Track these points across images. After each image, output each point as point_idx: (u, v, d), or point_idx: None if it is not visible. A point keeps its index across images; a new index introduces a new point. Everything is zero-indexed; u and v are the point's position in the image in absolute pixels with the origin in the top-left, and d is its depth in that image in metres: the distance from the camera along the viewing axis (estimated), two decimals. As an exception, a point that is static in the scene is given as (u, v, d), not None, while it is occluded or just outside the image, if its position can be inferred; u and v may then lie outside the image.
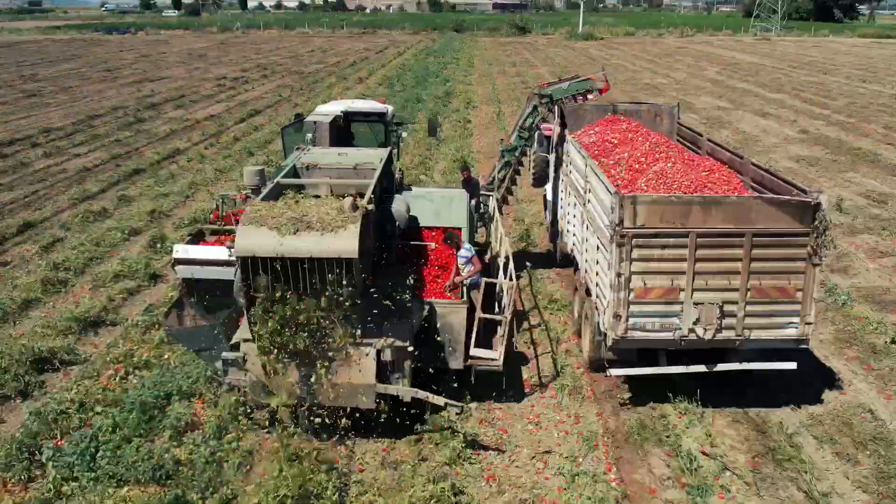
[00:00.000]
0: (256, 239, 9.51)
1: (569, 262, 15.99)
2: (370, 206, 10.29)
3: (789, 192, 11.18)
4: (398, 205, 12.32)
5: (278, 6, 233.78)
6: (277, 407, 10.35)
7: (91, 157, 29.63)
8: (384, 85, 50.00)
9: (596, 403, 12.16)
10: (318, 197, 10.93)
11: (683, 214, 10.54)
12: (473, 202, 15.49)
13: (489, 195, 16.83)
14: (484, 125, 35.77)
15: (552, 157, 17.48)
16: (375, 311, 10.48)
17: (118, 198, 23.43)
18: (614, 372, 11.74)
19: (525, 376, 12.99)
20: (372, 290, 10.53)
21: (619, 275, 10.77)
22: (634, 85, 51.08)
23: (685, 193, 11.47)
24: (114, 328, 14.77)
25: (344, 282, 9.66)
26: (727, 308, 10.87)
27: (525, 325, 15.05)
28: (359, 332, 10.22)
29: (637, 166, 13.36)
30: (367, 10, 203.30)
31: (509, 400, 12.23)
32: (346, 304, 9.85)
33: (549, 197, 18.21)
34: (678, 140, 16.46)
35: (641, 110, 17.07)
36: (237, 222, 10.34)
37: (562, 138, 16.51)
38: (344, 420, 10.67)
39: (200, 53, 78.80)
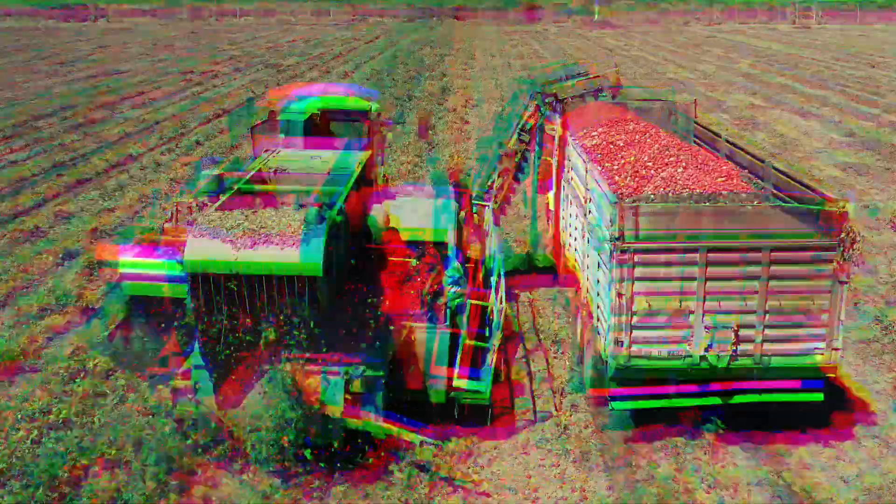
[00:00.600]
0: (208, 253, 9.33)
1: (572, 279, 15.34)
2: (338, 217, 10.07)
3: (814, 200, 10.78)
4: (375, 214, 12.28)
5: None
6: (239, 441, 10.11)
7: (29, 164, 28.73)
8: (373, 79, 49.20)
9: (606, 473, 11.22)
10: (279, 206, 10.65)
11: (693, 226, 10.27)
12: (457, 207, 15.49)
13: (484, 206, 16.68)
14: (484, 127, 34.88)
15: (555, 162, 17.25)
16: (343, 335, 10.27)
17: (55, 214, 22.58)
18: (617, 406, 11.37)
19: (522, 438, 12.06)
20: (339, 310, 10.33)
21: (620, 295, 10.45)
22: (656, 80, 50.22)
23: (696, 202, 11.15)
24: (33, 376, 13.84)
25: (307, 301, 9.45)
26: (743, 332, 10.59)
27: (519, 352, 14.39)
28: (325, 357, 10.07)
29: (644, 172, 12.97)
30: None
31: (503, 462, 11.37)
32: (309, 326, 9.64)
33: (552, 206, 17.90)
34: (695, 141, 16.04)
35: (654, 108, 16.88)
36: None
37: (564, 141, 16.16)
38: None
39: (167, 44, 78.04)
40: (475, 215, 16.76)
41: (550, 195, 18.16)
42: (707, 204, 10.77)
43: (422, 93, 43.32)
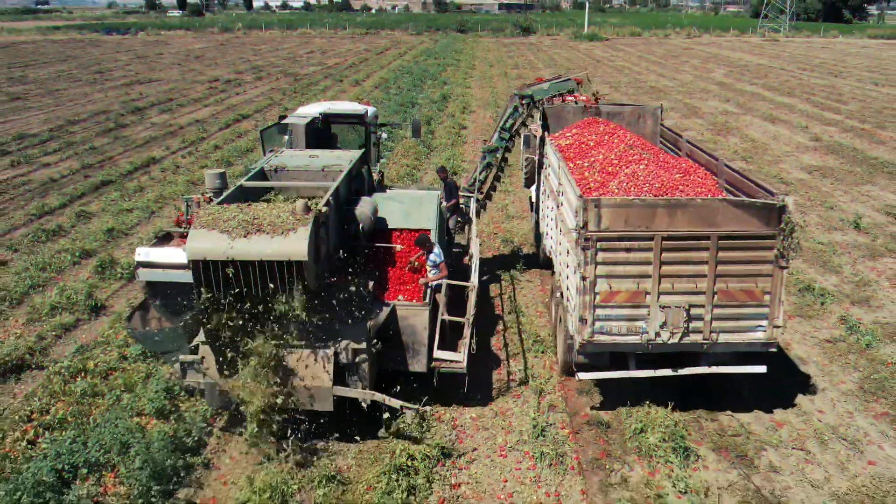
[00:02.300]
0: (207, 242, 9.42)
1: (550, 265, 15.03)
2: (323, 209, 10.09)
3: (759, 194, 10.99)
4: (363, 206, 12.10)
5: (284, 6, 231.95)
6: (243, 409, 10.20)
7: (61, 166, 27.85)
8: (380, 87, 48.15)
9: (581, 477, 10.26)
10: (269, 200, 10.92)
11: (648, 217, 10.39)
12: (451, 203, 16.08)
13: (470, 196, 16.78)
14: (480, 131, 33.84)
15: (536, 159, 17.27)
16: (332, 313, 10.35)
17: (77, 214, 21.62)
18: (582, 376, 11.44)
19: (501, 439, 11.13)
20: (328, 291, 10.33)
21: (583, 278, 10.61)
22: (638, 88, 49.14)
23: (655, 196, 11.26)
24: (39, 373, 12.93)
25: (295, 284, 9.59)
26: (694, 311, 10.71)
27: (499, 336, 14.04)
28: (314, 334, 10.30)
29: (610, 168, 13.08)
30: (373, 11, 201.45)
31: (480, 465, 10.53)
32: (298, 305, 9.76)
33: (535, 199, 17.93)
34: (661, 142, 16.34)
35: (624, 112, 16.80)
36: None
37: (543, 140, 16.13)
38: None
39: (198, 55, 77.04)
40: (464, 206, 16.92)
41: (533, 189, 18.20)
42: (660, 198, 10.76)
43: (424, 100, 42.20)
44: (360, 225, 11.93)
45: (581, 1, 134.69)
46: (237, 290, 9.60)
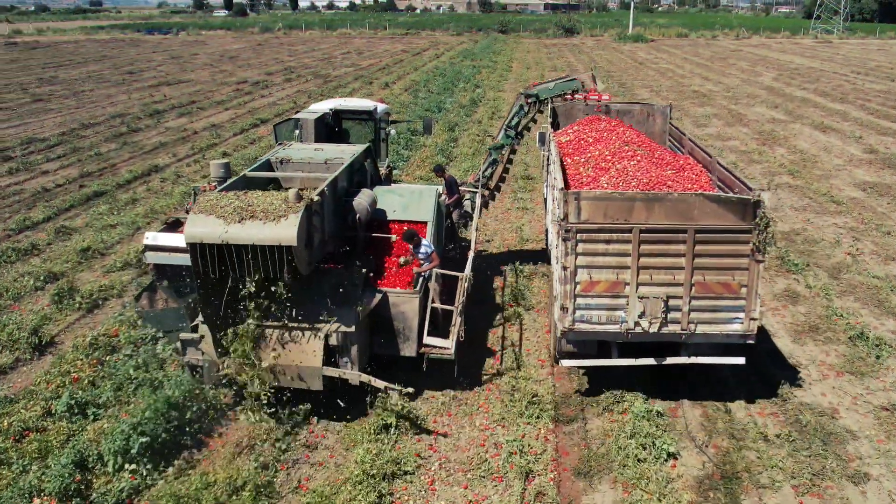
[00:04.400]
0: (204, 227, 9.90)
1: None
2: (315, 198, 10.41)
3: (744, 191, 11.05)
4: (361, 198, 12.34)
5: (330, 6, 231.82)
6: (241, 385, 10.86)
7: (60, 174, 26.39)
8: (410, 90, 46.23)
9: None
10: (266, 188, 11.40)
11: (626, 210, 10.61)
12: (454, 199, 16.28)
13: (475, 192, 16.98)
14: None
15: (543, 155, 17.78)
16: (324, 298, 10.91)
17: (57, 230, 19.96)
18: (565, 363, 11.76)
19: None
20: (321, 277, 10.95)
21: (564, 268, 10.86)
22: (680, 92, 46.50)
23: (641, 190, 11.50)
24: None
25: (286, 268, 10.00)
26: (672, 302, 10.90)
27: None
28: (307, 316, 10.84)
29: (604, 164, 13.35)
30: (417, 11, 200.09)
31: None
32: (289, 288, 10.37)
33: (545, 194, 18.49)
34: (669, 140, 16.77)
35: (634, 110, 17.28)
36: None
37: (548, 136, 16.38)
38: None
39: (233, 55, 75.97)
40: (469, 202, 17.10)
41: (544, 184, 18.91)
42: (638, 193, 10.91)
43: (452, 104, 40.14)
44: (358, 216, 12.12)
45: (628, 1, 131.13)
46: (232, 273, 10.18)
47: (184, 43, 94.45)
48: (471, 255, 13.53)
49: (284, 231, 9.77)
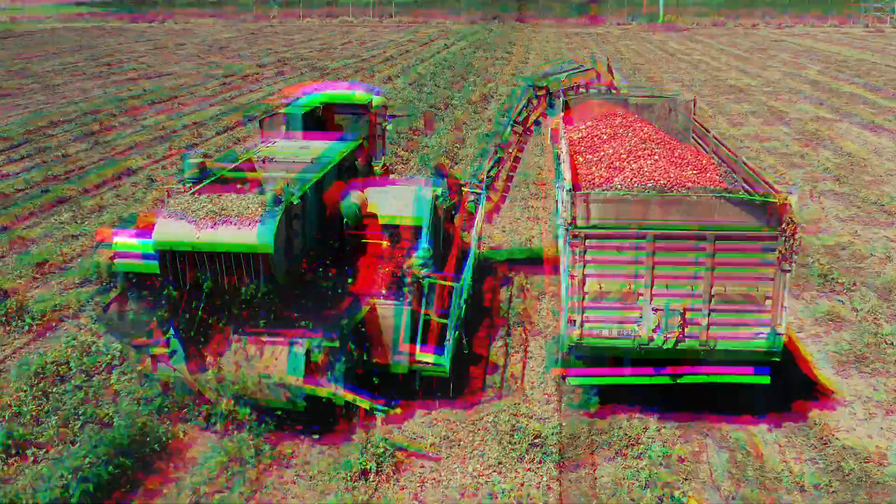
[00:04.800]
0: (174, 231, 9.95)
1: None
2: (297, 201, 10.43)
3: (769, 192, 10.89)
4: (349, 200, 12.31)
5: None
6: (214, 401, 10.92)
7: (21, 178, 26.06)
8: (414, 84, 45.83)
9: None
10: (241, 189, 11.13)
11: (640, 213, 10.46)
12: (453, 200, 15.87)
13: (478, 192, 16.98)
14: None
15: (554, 153, 17.87)
16: (306, 308, 10.82)
17: (12, 240, 19.66)
18: (572, 381, 11.77)
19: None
20: (302, 285, 10.88)
21: (572, 276, 10.76)
22: (715, 87, 45.98)
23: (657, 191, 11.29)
24: None
25: (262, 275, 10.01)
26: (690, 314, 10.75)
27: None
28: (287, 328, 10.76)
29: (618, 163, 13.23)
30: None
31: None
32: (265, 298, 10.28)
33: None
34: (693, 137, 16.59)
35: (655, 104, 17.32)
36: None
37: (560, 132, 16.33)
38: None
39: (222, 45, 75.86)
40: (468, 203, 17.00)
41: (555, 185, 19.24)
42: (654, 193, 10.81)
43: (460, 101, 39.73)
44: (345, 219, 12.15)
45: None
46: (204, 282, 10.16)
47: (170, 32, 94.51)
48: (470, 261, 13.60)
49: (260, 236, 9.86)
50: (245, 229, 9.94)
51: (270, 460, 10.82)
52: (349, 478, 10.35)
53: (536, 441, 11.15)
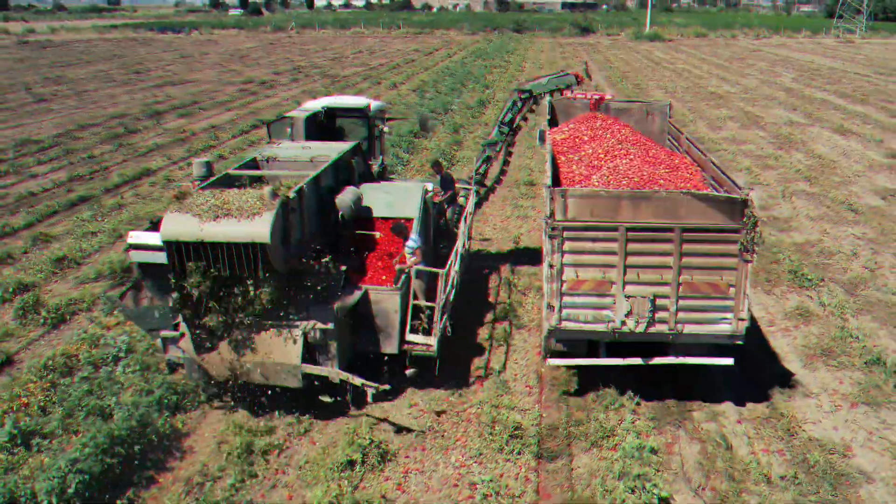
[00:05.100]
0: (180, 225, 10.05)
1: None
2: (291, 195, 10.54)
3: (733, 190, 10.91)
4: (345, 195, 12.38)
5: (346, 5, 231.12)
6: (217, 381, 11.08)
7: (48, 178, 25.68)
8: (417, 91, 45.28)
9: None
10: (241, 187, 11.19)
11: (613, 208, 10.54)
12: (448, 195, 15.97)
13: (468, 189, 16.82)
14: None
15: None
16: (303, 295, 10.87)
17: (34, 237, 19.23)
18: (552, 362, 11.76)
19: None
20: (299, 273, 10.84)
21: (551, 266, 10.82)
22: (696, 93, 45.36)
23: (632, 188, 11.40)
24: None
25: (261, 265, 10.12)
26: (659, 302, 10.82)
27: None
28: (286, 313, 10.82)
29: (596, 162, 13.30)
30: (434, 10, 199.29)
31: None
32: (264, 285, 10.38)
33: None
34: (668, 138, 16.67)
35: (633, 108, 17.32)
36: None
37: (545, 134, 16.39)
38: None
39: (243, 54, 75.38)
40: (463, 198, 16.76)
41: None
42: (625, 190, 10.89)
43: (458, 106, 39.16)
44: (341, 213, 12.21)
45: None
46: (207, 271, 10.19)
47: (195, 42, 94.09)
48: (457, 251, 13.44)
49: (258, 228, 9.89)
50: (245, 222, 9.95)
51: (261, 451, 10.40)
52: (336, 468, 9.91)
53: (516, 433, 10.68)
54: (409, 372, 11.74)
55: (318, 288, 10.95)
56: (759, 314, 14.89)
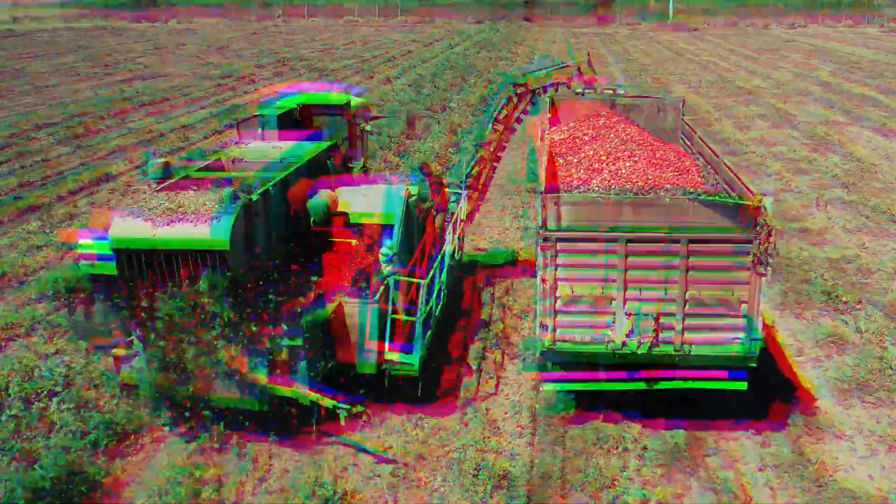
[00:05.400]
0: (130, 230, 9.84)
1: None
2: (254, 198, 10.35)
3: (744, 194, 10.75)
4: (318, 198, 12.21)
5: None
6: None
7: (-2, 184, 25.32)
8: (413, 86, 44.96)
9: None
10: (202, 189, 10.95)
11: (612, 216, 10.34)
12: (438, 201, 15.72)
13: (459, 192, 16.84)
14: (518, 143, 30.25)
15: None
16: (268, 307, 10.56)
17: (-28, 251, 18.88)
18: (548, 387, 11.65)
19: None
20: (265, 283, 10.57)
21: (544, 280, 10.63)
22: (722, 88, 44.99)
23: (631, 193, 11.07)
24: None
25: (219, 272, 9.84)
26: (664, 319, 10.59)
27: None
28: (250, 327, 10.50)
29: (597, 165, 13.10)
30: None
31: None
32: (222, 296, 10.02)
33: None
34: (682, 138, 16.47)
35: (644, 105, 17.12)
36: None
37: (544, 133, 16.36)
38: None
39: (223, 45, 75.19)
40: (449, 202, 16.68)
41: None
42: (627, 195, 10.59)
43: (458, 103, 38.83)
44: (312, 217, 12.07)
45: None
46: (161, 280, 9.96)
47: (172, 31, 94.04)
48: (444, 259, 13.55)
49: (216, 234, 9.74)
50: (201, 226, 9.79)
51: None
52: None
53: (502, 482, 10.25)
54: (342, 413, 10.94)
55: (287, 298, 10.83)
56: (787, 341, 14.46)
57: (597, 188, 11.77)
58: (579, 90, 18.68)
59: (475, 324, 15.16)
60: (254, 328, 10.58)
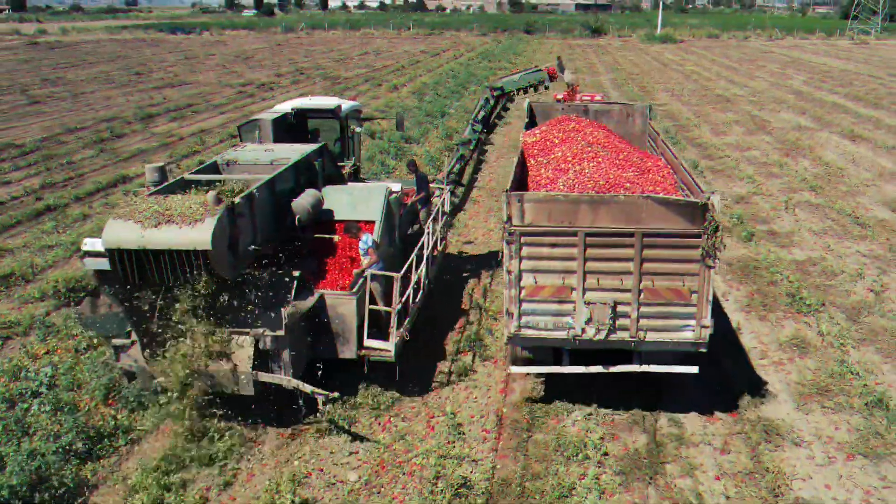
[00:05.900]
0: (121, 232, 9.71)
1: None
2: (236, 200, 10.19)
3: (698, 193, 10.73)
4: (302, 199, 12.03)
5: (361, 6, 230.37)
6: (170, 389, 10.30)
7: (21, 185, 24.50)
8: (417, 93, 44.00)
9: None
10: (185, 192, 10.72)
11: (571, 213, 10.29)
12: (421, 196, 15.72)
13: (441, 188, 16.56)
14: (505, 150, 29.34)
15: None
16: (253, 301, 10.47)
17: (-12, 251, 18.08)
18: (514, 370, 11.46)
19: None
20: (250, 279, 10.50)
21: (509, 272, 10.59)
22: (703, 96, 43.84)
23: (596, 192, 11.07)
24: None
25: (204, 272, 9.75)
26: (620, 309, 10.55)
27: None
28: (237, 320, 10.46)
29: (564, 165, 12.96)
30: (447, 11, 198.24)
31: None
32: (206, 293, 9.98)
33: None
34: (649, 141, 16.42)
35: (613, 110, 17.14)
36: None
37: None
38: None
39: (248, 55, 74.29)
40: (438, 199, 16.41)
41: None
42: (584, 194, 10.56)
43: (456, 109, 37.82)
44: (297, 217, 11.83)
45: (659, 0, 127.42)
46: (151, 278, 9.82)
47: (204, 43, 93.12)
48: (425, 254, 13.27)
49: (199, 235, 9.52)
50: (186, 228, 9.57)
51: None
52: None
53: (461, 490, 9.35)
54: (321, 399, 10.34)
55: (270, 294, 10.56)
56: (750, 344, 13.51)
57: (562, 186, 11.72)
58: (559, 97, 18.66)
59: (450, 324, 14.24)
60: (241, 321, 10.45)
